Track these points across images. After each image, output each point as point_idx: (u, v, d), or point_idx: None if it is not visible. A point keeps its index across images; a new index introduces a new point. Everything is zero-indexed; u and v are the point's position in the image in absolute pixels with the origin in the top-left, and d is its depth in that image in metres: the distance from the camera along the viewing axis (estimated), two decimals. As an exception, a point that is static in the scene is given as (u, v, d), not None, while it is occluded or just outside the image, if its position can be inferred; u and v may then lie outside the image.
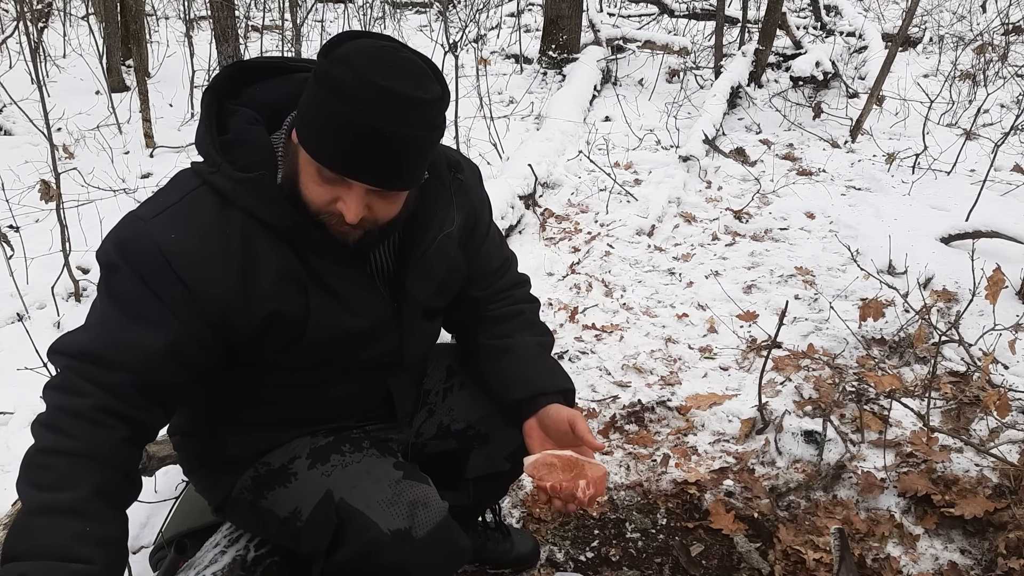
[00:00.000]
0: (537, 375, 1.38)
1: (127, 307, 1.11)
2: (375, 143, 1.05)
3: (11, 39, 6.09)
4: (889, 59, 4.92)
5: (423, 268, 1.31)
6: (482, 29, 7.65)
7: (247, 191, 1.13)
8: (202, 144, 1.17)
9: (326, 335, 1.23)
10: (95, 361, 1.09)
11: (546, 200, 4.13)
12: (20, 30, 4.70)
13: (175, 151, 4.90)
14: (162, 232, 1.11)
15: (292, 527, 1.29)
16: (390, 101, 1.04)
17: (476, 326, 1.47)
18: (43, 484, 1.04)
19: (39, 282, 3.12)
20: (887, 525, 1.95)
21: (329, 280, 1.21)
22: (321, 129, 1.07)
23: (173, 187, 1.19)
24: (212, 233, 1.13)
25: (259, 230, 1.15)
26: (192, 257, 1.12)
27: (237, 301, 1.15)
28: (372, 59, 1.05)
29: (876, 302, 2.70)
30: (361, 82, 1.03)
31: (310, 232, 1.16)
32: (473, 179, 1.42)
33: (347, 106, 1.04)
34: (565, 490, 1.24)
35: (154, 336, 1.11)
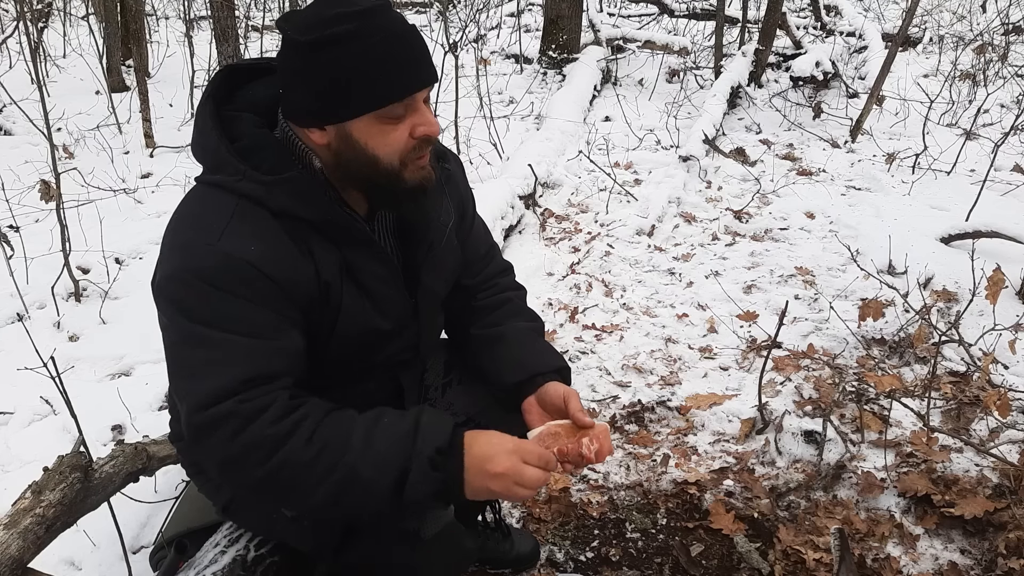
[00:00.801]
0: (531, 357, 1.40)
1: (245, 327, 1.10)
2: (405, 47, 1.09)
3: (11, 39, 6.09)
4: (889, 59, 4.92)
5: (435, 260, 1.33)
6: (482, 29, 7.65)
7: (283, 191, 1.13)
8: (214, 153, 1.15)
9: (354, 333, 1.24)
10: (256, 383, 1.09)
11: (546, 200, 4.13)
12: (20, 30, 4.70)
13: (175, 151, 4.89)
14: (242, 248, 1.10)
15: (299, 526, 1.30)
16: (371, 17, 1.07)
17: (467, 317, 1.48)
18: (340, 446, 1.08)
19: (39, 282, 3.12)
20: (887, 525, 1.95)
21: (362, 277, 1.22)
22: (367, 77, 1.07)
23: (205, 206, 1.15)
24: (282, 237, 1.14)
25: (300, 229, 1.16)
26: (278, 262, 1.12)
27: (316, 294, 1.17)
28: (328, 5, 1.08)
29: (876, 302, 2.70)
30: (356, 17, 1.06)
31: (351, 222, 1.17)
32: (457, 169, 1.45)
33: (370, 39, 1.06)
34: (572, 451, 1.23)
35: (288, 340, 1.13)
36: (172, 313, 1.11)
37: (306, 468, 1.07)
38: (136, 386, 2.55)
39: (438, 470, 1.09)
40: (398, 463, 1.08)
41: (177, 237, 1.15)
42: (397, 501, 1.08)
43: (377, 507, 1.10)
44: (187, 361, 1.11)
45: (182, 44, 6.52)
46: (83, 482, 1.50)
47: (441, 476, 1.09)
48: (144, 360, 2.72)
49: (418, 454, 1.08)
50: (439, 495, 1.10)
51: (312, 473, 1.07)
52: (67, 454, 1.52)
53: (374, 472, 1.07)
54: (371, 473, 1.07)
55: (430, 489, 1.08)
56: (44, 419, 2.43)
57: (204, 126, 1.17)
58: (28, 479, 1.49)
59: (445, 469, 1.09)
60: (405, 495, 1.08)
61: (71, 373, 2.63)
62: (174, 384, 1.13)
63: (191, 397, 1.09)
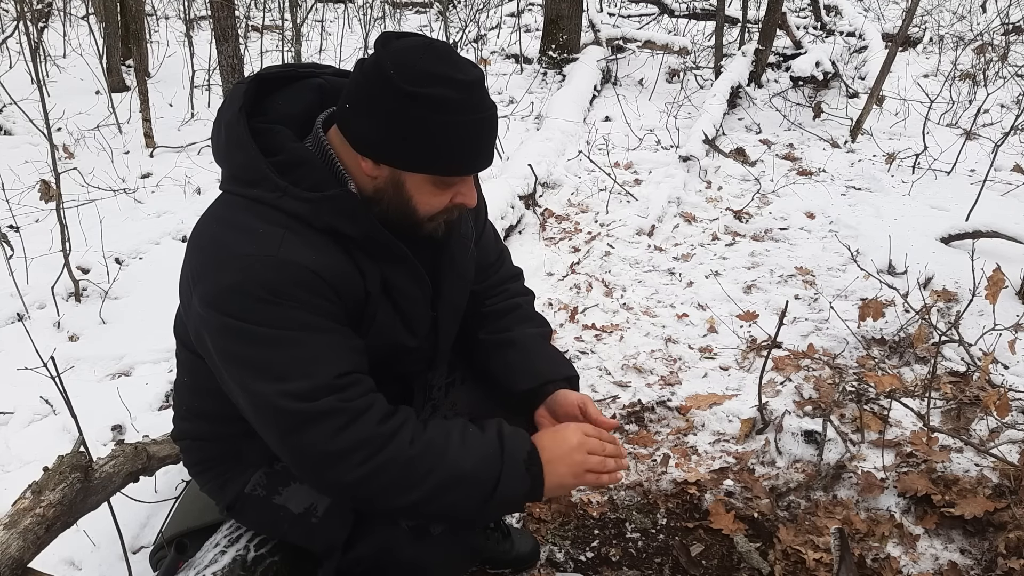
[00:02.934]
0: (541, 364, 1.41)
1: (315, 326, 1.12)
2: (482, 132, 1.13)
3: (11, 39, 6.09)
4: (889, 59, 4.92)
5: (455, 273, 1.34)
6: (482, 29, 7.66)
7: (327, 209, 1.13)
8: (252, 169, 1.14)
9: (381, 345, 1.25)
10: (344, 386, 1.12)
11: (546, 200, 4.13)
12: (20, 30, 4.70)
13: (175, 151, 4.90)
14: (302, 258, 1.11)
15: (307, 523, 1.30)
16: (475, 90, 1.10)
17: (476, 322, 1.49)
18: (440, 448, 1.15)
19: (39, 282, 3.12)
20: (887, 525, 1.95)
21: (397, 295, 1.24)
22: (440, 145, 1.10)
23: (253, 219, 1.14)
24: (334, 251, 1.15)
25: (345, 244, 1.17)
26: (334, 271, 1.14)
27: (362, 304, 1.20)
28: (441, 63, 1.08)
29: (876, 302, 2.70)
30: (456, 88, 1.07)
31: (394, 242, 1.19)
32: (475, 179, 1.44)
33: (458, 115, 1.09)
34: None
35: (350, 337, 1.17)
36: (239, 324, 1.10)
37: (407, 468, 1.12)
38: (136, 386, 2.55)
39: (529, 470, 1.18)
40: (493, 466, 1.16)
41: (229, 249, 1.13)
42: (488, 504, 1.16)
43: (468, 509, 1.17)
44: (269, 363, 1.11)
45: (182, 44, 6.52)
46: (83, 482, 1.50)
47: (532, 475, 1.18)
48: (144, 360, 2.72)
49: (509, 457, 1.17)
50: (528, 495, 1.19)
51: (412, 473, 1.12)
52: (67, 454, 1.52)
53: (473, 474, 1.15)
54: (470, 474, 1.15)
55: (522, 488, 1.17)
56: (44, 419, 2.43)
57: (239, 139, 1.15)
58: (28, 479, 1.49)
59: (534, 470, 1.18)
60: (496, 497, 1.16)
61: (71, 373, 2.63)
62: (255, 390, 1.11)
63: (278, 397, 1.09)
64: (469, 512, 1.18)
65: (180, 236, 3.78)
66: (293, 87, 1.24)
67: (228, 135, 1.17)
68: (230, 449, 1.36)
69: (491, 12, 8.34)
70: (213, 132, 1.22)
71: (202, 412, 1.37)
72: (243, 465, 1.37)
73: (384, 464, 1.11)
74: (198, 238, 1.19)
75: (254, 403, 1.12)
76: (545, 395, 1.38)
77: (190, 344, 1.27)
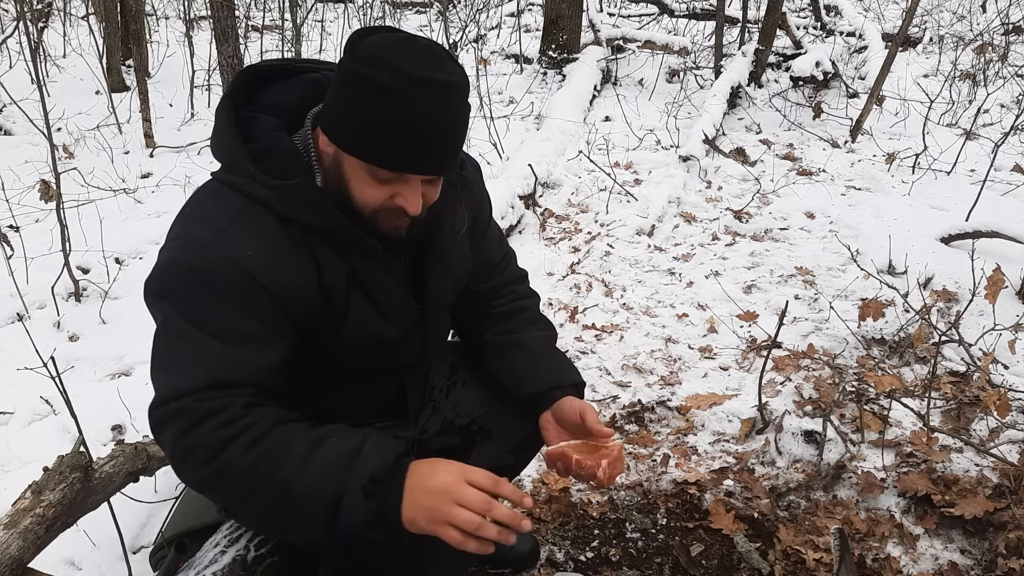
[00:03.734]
0: (548, 369, 1.40)
1: (224, 332, 1.09)
2: (425, 133, 1.07)
3: (11, 39, 6.09)
4: (889, 59, 4.92)
5: (442, 267, 1.32)
6: (482, 29, 7.65)
7: (291, 198, 1.13)
8: (229, 154, 1.15)
9: (359, 339, 1.24)
10: (218, 387, 1.08)
11: (546, 200, 4.13)
12: (20, 30, 4.70)
13: (175, 151, 4.90)
14: (238, 249, 1.10)
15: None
16: (428, 89, 1.05)
17: (481, 323, 1.48)
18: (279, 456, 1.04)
19: (39, 282, 3.12)
20: (887, 525, 1.95)
21: (369, 287, 1.22)
22: (369, 131, 1.07)
23: (213, 202, 1.15)
24: (283, 242, 1.13)
25: (306, 236, 1.16)
26: (275, 268, 1.12)
27: (308, 305, 1.17)
28: (399, 52, 1.06)
29: (876, 302, 2.70)
30: (397, 76, 1.04)
31: (359, 233, 1.17)
32: (475, 175, 1.44)
33: (395, 105, 1.04)
34: (587, 468, 1.25)
35: (263, 354, 1.11)
36: (159, 303, 1.11)
37: (243, 476, 1.04)
38: (136, 386, 2.55)
39: (371, 499, 1.03)
40: (332, 487, 1.03)
41: (180, 229, 1.15)
42: (331, 528, 1.03)
43: (310, 530, 1.05)
44: (163, 355, 1.12)
45: (182, 44, 6.52)
46: (83, 482, 1.50)
47: (374, 505, 1.03)
48: (144, 360, 2.69)
49: (352, 480, 1.03)
50: (372, 525, 1.04)
51: (248, 482, 1.05)
52: (67, 454, 1.52)
53: (306, 491, 1.03)
54: (303, 492, 1.03)
55: (362, 518, 1.03)
56: (44, 419, 2.43)
57: (221, 125, 1.17)
58: (28, 479, 1.49)
59: (380, 498, 1.03)
60: (340, 522, 1.03)
61: (71, 373, 2.63)
62: (151, 373, 1.14)
63: (158, 389, 1.10)
64: (311, 536, 1.07)
65: (180, 236, 3.78)
66: (289, 80, 1.24)
67: (215, 122, 1.19)
68: None
69: (491, 12, 8.34)
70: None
71: None
72: None
73: (220, 470, 1.05)
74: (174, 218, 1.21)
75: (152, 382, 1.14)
76: (551, 400, 1.36)
77: None
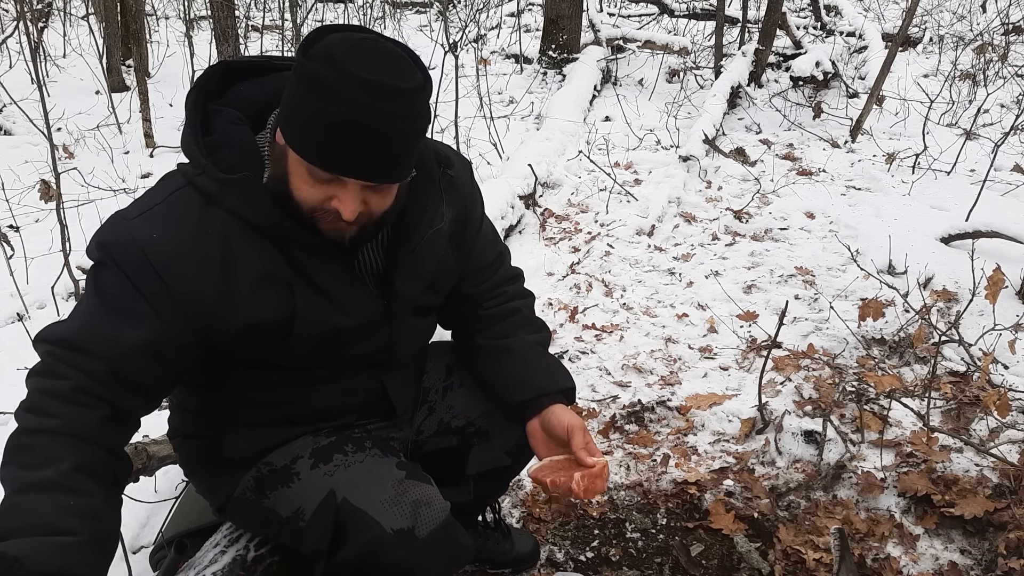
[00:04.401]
0: (538, 375, 1.39)
1: (109, 301, 1.12)
2: (361, 137, 1.05)
3: (11, 39, 6.09)
4: (889, 59, 4.92)
5: (412, 266, 1.31)
6: (482, 29, 7.65)
7: (232, 192, 1.14)
8: (187, 146, 1.18)
9: (313, 333, 1.23)
10: (74, 348, 1.10)
11: (546, 200, 4.13)
12: (20, 30, 4.70)
13: (175, 151, 4.89)
14: (144, 232, 1.12)
15: (294, 527, 1.29)
16: (372, 93, 1.03)
17: (473, 326, 1.47)
18: (26, 463, 1.04)
19: (39, 282, 3.12)
20: (887, 525, 1.95)
21: (317, 278, 1.21)
22: (307, 128, 1.07)
23: (159, 188, 1.20)
24: (193, 233, 1.14)
25: (244, 231, 1.15)
26: (172, 256, 1.12)
27: (217, 302, 1.15)
28: (351, 52, 1.05)
29: (876, 302, 2.70)
30: (342, 76, 1.03)
31: (297, 231, 1.16)
32: (464, 174, 1.41)
33: (330, 103, 1.03)
34: (562, 485, 1.26)
35: (132, 332, 1.11)
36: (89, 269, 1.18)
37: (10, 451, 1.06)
38: (136, 386, 2.55)
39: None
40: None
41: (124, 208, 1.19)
42: None
43: None
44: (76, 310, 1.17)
45: (182, 44, 6.52)
46: (83, 482, 1.50)
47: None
48: (144, 360, 2.72)
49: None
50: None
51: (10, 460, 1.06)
52: (67, 454, 1.52)
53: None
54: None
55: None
56: (44, 419, 2.42)
57: (185, 116, 1.19)
58: (28, 479, 1.49)
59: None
60: None
61: (71, 373, 2.63)
62: None
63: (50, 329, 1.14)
64: None
65: (180, 236, 3.78)
66: (264, 76, 1.24)
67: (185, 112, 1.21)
68: (214, 445, 1.36)
69: (491, 12, 8.34)
70: None
71: (189, 408, 1.38)
72: (230, 465, 1.36)
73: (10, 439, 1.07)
74: None
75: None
76: (540, 407, 1.35)
77: None
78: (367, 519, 1.21)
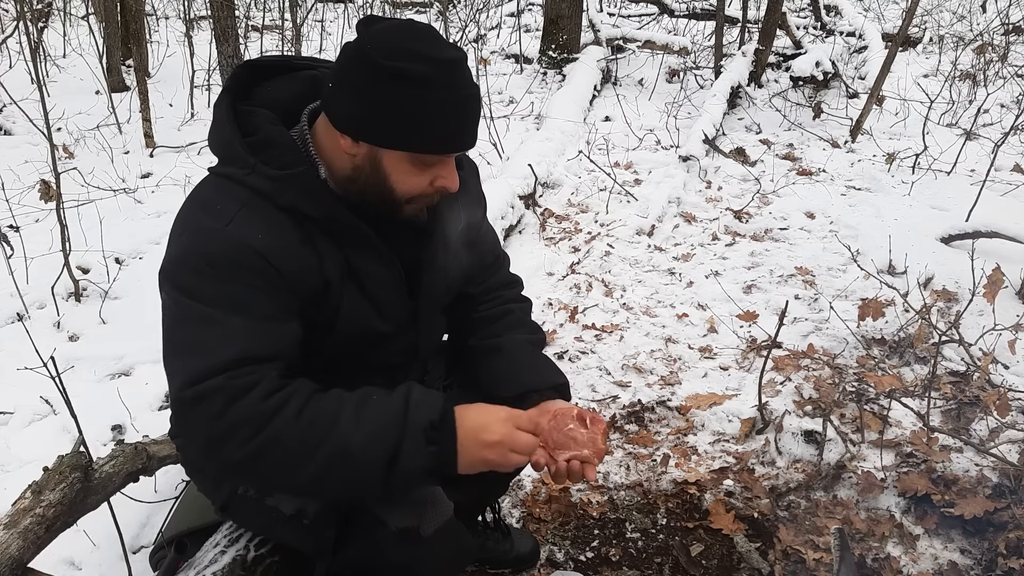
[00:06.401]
0: (526, 372, 1.39)
1: (244, 308, 1.11)
2: (457, 111, 1.12)
3: (11, 39, 6.09)
4: (889, 59, 4.92)
5: (438, 265, 1.33)
6: (482, 29, 7.65)
7: (290, 187, 1.14)
8: (227, 147, 1.17)
9: (352, 334, 1.24)
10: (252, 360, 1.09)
11: (546, 200, 4.13)
12: (20, 30, 4.70)
13: (175, 151, 4.89)
14: (249, 234, 1.12)
15: (298, 525, 1.30)
16: (451, 70, 1.09)
17: (467, 328, 1.48)
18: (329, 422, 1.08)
19: (39, 282, 3.12)
20: (887, 525, 1.95)
21: (364, 280, 1.23)
22: (420, 123, 1.10)
23: (217, 195, 1.17)
24: (288, 229, 1.15)
25: (307, 226, 1.17)
26: (284, 252, 1.14)
27: (319, 287, 1.18)
28: (420, 40, 1.09)
29: (876, 302, 2.70)
30: (422, 63, 1.07)
31: (355, 223, 1.18)
32: (471, 177, 1.43)
33: (436, 91, 1.08)
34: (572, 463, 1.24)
35: (281, 326, 1.14)
36: (176, 295, 1.12)
37: (294, 443, 1.06)
38: (136, 386, 2.55)
39: (432, 443, 1.09)
40: (391, 436, 1.08)
41: (188, 222, 1.16)
42: (388, 478, 1.08)
43: (367, 483, 1.09)
44: (184, 339, 1.11)
45: (182, 44, 6.52)
46: (83, 482, 1.50)
47: (435, 449, 1.09)
48: (144, 360, 2.72)
49: (411, 426, 1.08)
50: (432, 470, 1.10)
51: (301, 448, 1.07)
52: (67, 454, 1.52)
53: (365, 445, 1.07)
54: (362, 446, 1.07)
55: (423, 463, 1.09)
56: (44, 419, 2.43)
57: (220, 119, 1.18)
58: (28, 479, 1.49)
59: (439, 442, 1.10)
60: (396, 470, 1.07)
61: (71, 373, 2.63)
62: (167, 363, 1.13)
63: (182, 373, 1.09)
64: (369, 487, 1.11)
65: (180, 236, 3.78)
66: (286, 77, 1.25)
67: (213, 116, 1.20)
68: None
69: (491, 12, 8.34)
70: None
71: None
72: None
73: (270, 440, 1.06)
74: (175, 217, 1.21)
75: (168, 372, 1.13)
76: (529, 404, 1.34)
77: None
78: (372, 518, 1.21)
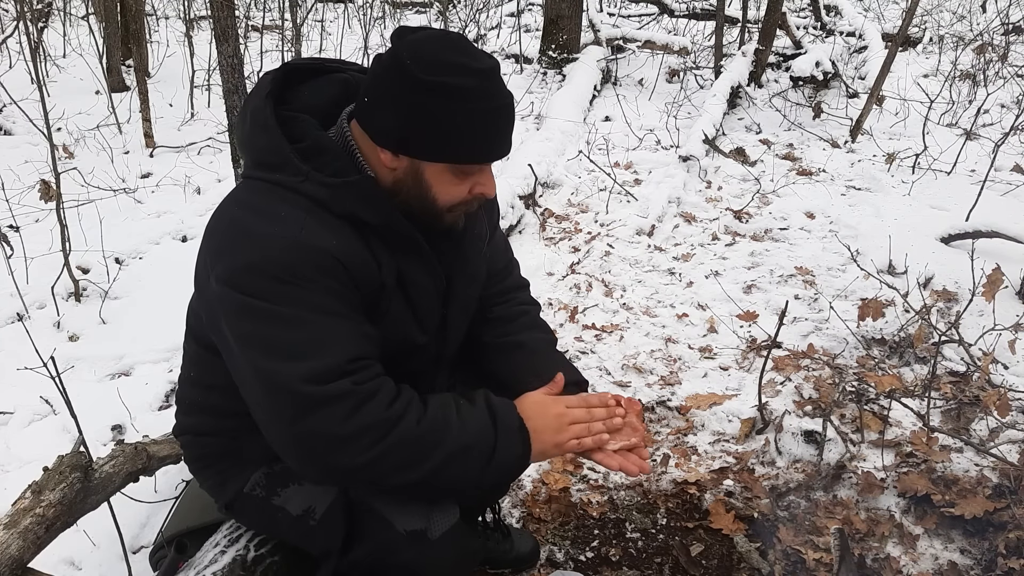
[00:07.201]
0: (549, 368, 1.41)
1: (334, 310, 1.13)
2: (496, 121, 1.14)
3: (11, 39, 6.09)
4: (889, 59, 4.92)
5: (469, 273, 1.34)
6: (482, 29, 7.65)
7: (348, 194, 1.14)
8: (276, 153, 1.15)
9: (390, 342, 1.24)
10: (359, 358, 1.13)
11: (546, 200, 4.13)
12: (20, 30, 4.70)
13: (175, 151, 4.89)
14: (323, 241, 1.12)
15: (305, 525, 1.30)
16: (487, 79, 1.11)
17: (480, 327, 1.49)
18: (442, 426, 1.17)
19: (39, 282, 3.12)
20: (887, 525, 1.95)
21: (411, 288, 1.24)
22: (463, 135, 1.12)
23: (274, 201, 1.15)
24: (352, 236, 1.16)
25: (364, 231, 1.18)
26: (353, 256, 1.15)
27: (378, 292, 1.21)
28: (457, 52, 1.10)
29: (876, 302, 2.70)
30: (461, 75, 1.08)
31: (410, 230, 1.20)
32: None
33: (479, 102, 1.10)
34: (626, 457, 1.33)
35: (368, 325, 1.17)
36: (252, 303, 1.10)
37: (416, 445, 1.13)
38: (136, 386, 2.55)
39: (522, 437, 1.21)
40: (490, 434, 1.18)
41: (247, 230, 1.13)
42: (486, 468, 1.18)
43: (472, 474, 1.18)
44: (285, 343, 1.10)
45: (182, 44, 6.52)
46: (83, 482, 1.50)
47: (523, 441, 1.21)
48: (144, 360, 2.72)
49: (503, 425, 1.20)
50: (523, 459, 1.22)
51: (422, 449, 1.13)
52: (67, 454, 1.52)
53: (468, 447, 1.16)
54: (465, 448, 1.16)
55: (516, 453, 1.20)
56: (44, 419, 2.43)
57: (264, 124, 1.17)
58: (28, 479, 1.49)
59: (525, 437, 1.22)
60: (494, 461, 1.18)
61: (71, 373, 2.63)
62: (269, 370, 1.10)
63: (300, 372, 1.08)
64: (471, 480, 1.19)
65: (180, 236, 3.78)
66: (319, 80, 1.25)
67: (253, 121, 1.18)
68: (231, 445, 1.36)
69: (491, 12, 8.34)
70: (238, 121, 1.24)
71: (206, 407, 1.37)
72: (243, 463, 1.37)
73: (394, 445, 1.11)
74: (218, 221, 1.19)
75: (268, 385, 1.10)
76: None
77: (202, 337, 1.27)
78: (380, 519, 1.22)
